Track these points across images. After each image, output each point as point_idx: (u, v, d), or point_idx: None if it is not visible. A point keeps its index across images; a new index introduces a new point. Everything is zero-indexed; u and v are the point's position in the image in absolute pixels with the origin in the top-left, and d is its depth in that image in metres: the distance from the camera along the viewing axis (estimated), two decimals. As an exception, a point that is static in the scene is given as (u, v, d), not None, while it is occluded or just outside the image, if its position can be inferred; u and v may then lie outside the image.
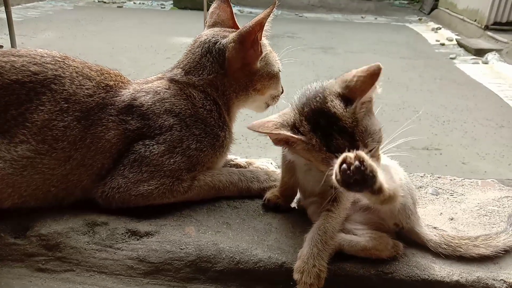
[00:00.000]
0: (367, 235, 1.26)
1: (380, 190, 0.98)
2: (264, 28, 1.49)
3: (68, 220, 1.39)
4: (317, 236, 1.19)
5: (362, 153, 0.94)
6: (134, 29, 8.68)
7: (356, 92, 1.11)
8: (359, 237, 1.27)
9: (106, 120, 1.41)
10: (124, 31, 8.45)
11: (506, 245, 1.33)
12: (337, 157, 0.98)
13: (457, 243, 1.32)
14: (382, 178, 0.98)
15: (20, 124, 1.33)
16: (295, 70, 5.97)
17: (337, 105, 1.11)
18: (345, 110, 1.10)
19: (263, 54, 1.54)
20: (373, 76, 1.08)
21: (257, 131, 1.15)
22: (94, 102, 1.42)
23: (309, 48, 7.78)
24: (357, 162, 0.93)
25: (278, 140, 1.17)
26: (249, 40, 1.48)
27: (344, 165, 0.93)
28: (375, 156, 1.14)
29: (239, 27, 1.63)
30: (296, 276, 1.16)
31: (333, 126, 1.09)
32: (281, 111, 1.22)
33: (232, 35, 1.52)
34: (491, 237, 1.34)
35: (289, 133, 1.12)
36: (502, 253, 1.32)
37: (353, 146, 1.07)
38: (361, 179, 0.94)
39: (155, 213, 1.43)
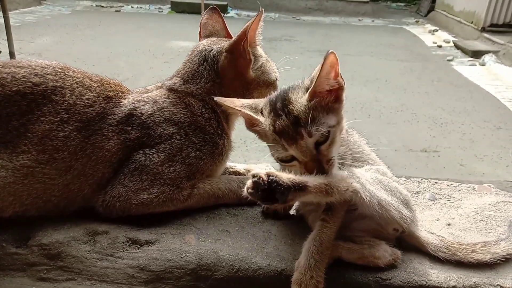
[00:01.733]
0: (366, 242, 1.28)
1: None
2: (256, 37, 1.53)
3: (69, 229, 1.40)
4: (313, 247, 1.19)
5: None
6: (132, 33, 8.71)
7: (312, 82, 1.15)
8: (358, 244, 1.28)
9: (107, 130, 1.43)
10: (122, 35, 8.47)
11: (506, 253, 1.33)
12: (281, 140, 1.11)
13: (456, 248, 1.33)
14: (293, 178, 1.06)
15: (22, 135, 1.34)
16: (292, 73, 5.99)
17: (295, 92, 1.18)
18: (300, 97, 1.16)
19: (259, 64, 1.57)
20: (325, 63, 1.11)
21: (223, 104, 1.23)
22: (95, 112, 1.43)
23: (306, 51, 7.81)
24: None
25: (248, 123, 1.24)
26: (237, 49, 1.51)
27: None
28: (325, 155, 1.15)
29: (232, 36, 1.66)
30: None
31: (284, 109, 1.15)
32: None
33: (223, 45, 1.55)
34: (490, 243, 1.35)
35: (249, 112, 1.19)
36: (501, 261, 1.32)
37: (296, 132, 1.12)
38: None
39: (155, 222, 1.44)
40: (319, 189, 1.10)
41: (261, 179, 1.03)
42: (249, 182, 1.05)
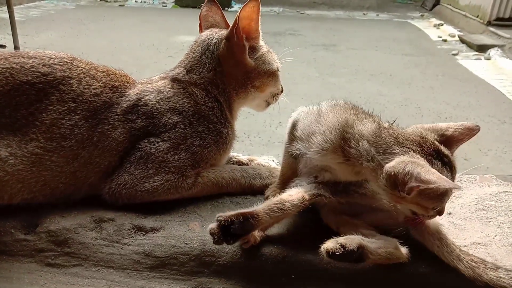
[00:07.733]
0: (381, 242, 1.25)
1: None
2: (258, 26, 1.55)
3: (76, 217, 1.43)
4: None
5: None
6: (136, 28, 8.71)
7: (452, 140, 1.23)
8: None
9: (113, 119, 1.46)
10: (126, 29, 8.48)
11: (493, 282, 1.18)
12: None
13: (457, 255, 1.25)
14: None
15: (30, 123, 1.37)
16: (297, 67, 5.99)
17: (446, 150, 1.19)
18: (451, 155, 1.19)
19: (260, 53, 1.59)
20: (470, 131, 1.23)
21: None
22: (101, 101, 1.46)
23: (310, 45, 7.78)
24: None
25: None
26: (232, 36, 1.53)
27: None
28: None
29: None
30: None
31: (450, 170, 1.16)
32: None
33: (223, 33, 1.58)
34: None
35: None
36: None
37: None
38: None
39: (160, 209, 1.47)
40: (270, 211, 1.21)
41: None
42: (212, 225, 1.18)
